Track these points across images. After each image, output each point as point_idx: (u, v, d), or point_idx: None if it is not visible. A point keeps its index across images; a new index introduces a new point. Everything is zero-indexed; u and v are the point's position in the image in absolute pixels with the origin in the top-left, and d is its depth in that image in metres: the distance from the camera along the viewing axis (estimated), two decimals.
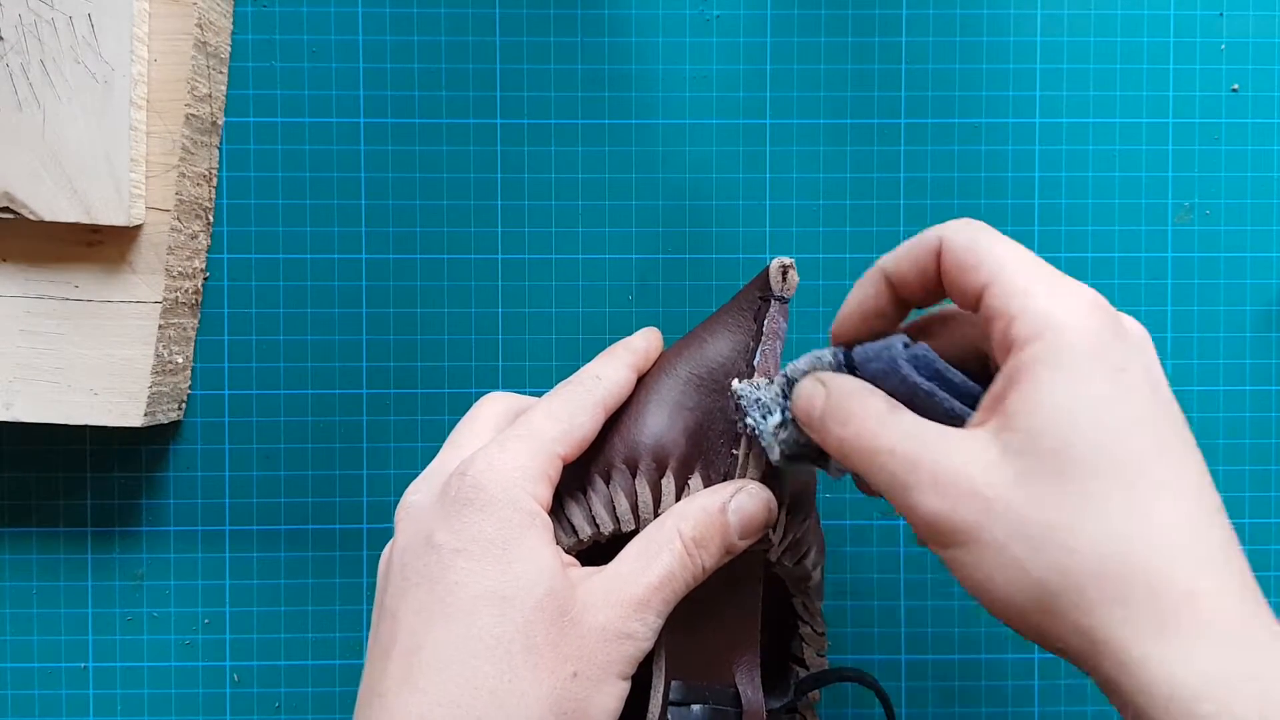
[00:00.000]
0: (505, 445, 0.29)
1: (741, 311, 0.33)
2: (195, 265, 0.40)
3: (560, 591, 0.28)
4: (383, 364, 0.41)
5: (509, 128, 0.41)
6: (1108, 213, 0.41)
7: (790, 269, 0.32)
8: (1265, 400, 0.41)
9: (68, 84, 0.36)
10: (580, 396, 0.31)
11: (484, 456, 0.29)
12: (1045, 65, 0.41)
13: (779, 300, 0.33)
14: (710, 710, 0.29)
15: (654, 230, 0.41)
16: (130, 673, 0.41)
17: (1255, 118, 0.41)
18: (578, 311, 0.41)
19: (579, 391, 0.31)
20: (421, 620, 0.27)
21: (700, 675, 0.30)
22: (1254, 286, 0.41)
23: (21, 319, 0.38)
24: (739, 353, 0.32)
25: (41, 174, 0.36)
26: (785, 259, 0.33)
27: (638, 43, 0.41)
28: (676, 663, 0.30)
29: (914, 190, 0.41)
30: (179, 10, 0.38)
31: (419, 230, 0.41)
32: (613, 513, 0.31)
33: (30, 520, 0.41)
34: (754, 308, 0.33)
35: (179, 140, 0.38)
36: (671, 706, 0.29)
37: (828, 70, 0.41)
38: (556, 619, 0.27)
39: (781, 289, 0.32)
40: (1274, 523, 0.41)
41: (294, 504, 0.41)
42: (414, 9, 0.40)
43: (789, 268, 0.32)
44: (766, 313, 0.32)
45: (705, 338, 0.33)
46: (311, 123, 0.40)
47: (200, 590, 0.41)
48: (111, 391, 0.38)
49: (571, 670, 0.27)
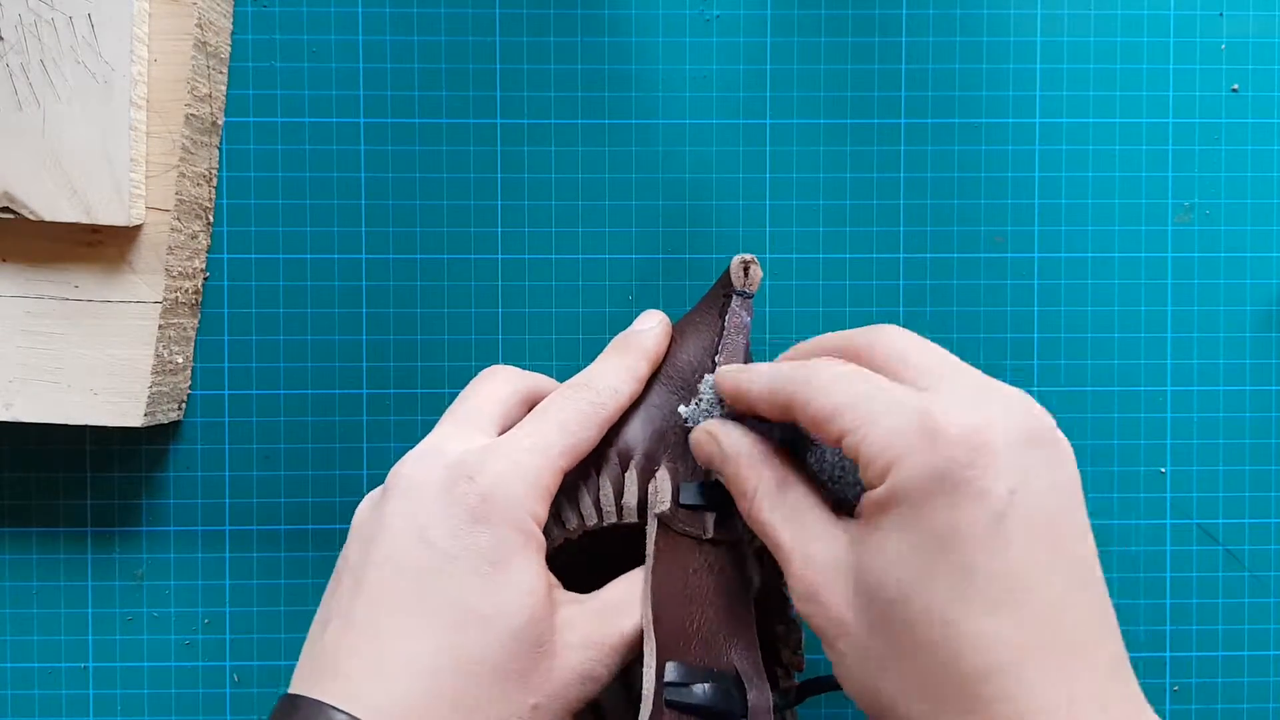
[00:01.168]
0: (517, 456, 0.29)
1: (708, 310, 0.35)
2: (195, 265, 0.40)
3: (540, 620, 0.28)
4: (383, 364, 0.41)
5: (509, 128, 0.41)
6: (1108, 213, 0.41)
7: (752, 265, 0.34)
8: (1265, 400, 0.41)
9: (68, 84, 0.36)
10: (593, 410, 0.31)
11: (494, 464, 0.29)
12: (1045, 65, 0.41)
13: (741, 295, 0.34)
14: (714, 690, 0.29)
15: (654, 230, 0.41)
16: (130, 673, 0.41)
17: (1255, 118, 0.41)
18: (578, 311, 0.41)
19: (593, 405, 0.31)
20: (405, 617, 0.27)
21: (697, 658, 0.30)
22: (1254, 286, 0.41)
23: (21, 319, 0.38)
24: (705, 350, 0.34)
25: (41, 174, 0.36)
26: (746, 255, 0.34)
27: (638, 43, 0.41)
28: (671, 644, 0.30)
29: (914, 190, 0.41)
30: (179, 10, 0.38)
31: (419, 230, 0.41)
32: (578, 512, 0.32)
33: (30, 520, 0.41)
34: (719, 305, 0.34)
35: (179, 140, 0.38)
36: (670, 687, 0.29)
37: (828, 70, 0.41)
38: (531, 649, 0.28)
39: (744, 284, 0.34)
40: (1273, 523, 0.41)
41: (294, 504, 0.41)
42: (414, 9, 0.40)
43: (750, 264, 0.34)
44: (728, 309, 0.34)
45: (676, 339, 0.34)
46: (311, 123, 0.40)
47: (200, 590, 0.41)
48: (111, 391, 0.38)
49: (533, 701, 0.28)
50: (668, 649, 0.30)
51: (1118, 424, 0.41)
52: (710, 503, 0.31)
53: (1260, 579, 0.41)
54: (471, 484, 0.28)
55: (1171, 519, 0.41)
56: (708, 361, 0.33)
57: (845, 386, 0.26)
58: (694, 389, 0.33)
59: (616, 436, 0.33)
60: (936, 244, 0.41)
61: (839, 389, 0.27)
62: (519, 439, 0.30)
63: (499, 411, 0.32)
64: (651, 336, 0.34)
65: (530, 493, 0.29)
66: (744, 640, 0.31)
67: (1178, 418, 0.41)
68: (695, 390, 0.33)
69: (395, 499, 0.29)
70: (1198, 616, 0.41)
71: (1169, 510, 0.41)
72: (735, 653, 0.30)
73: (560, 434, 0.30)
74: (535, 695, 0.28)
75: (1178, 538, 0.41)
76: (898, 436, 0.25)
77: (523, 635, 0.28)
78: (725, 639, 0.30)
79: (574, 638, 0.29)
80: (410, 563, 0.28)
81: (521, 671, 0.28)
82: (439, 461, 0.30)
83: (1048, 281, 0.41)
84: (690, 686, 0.29)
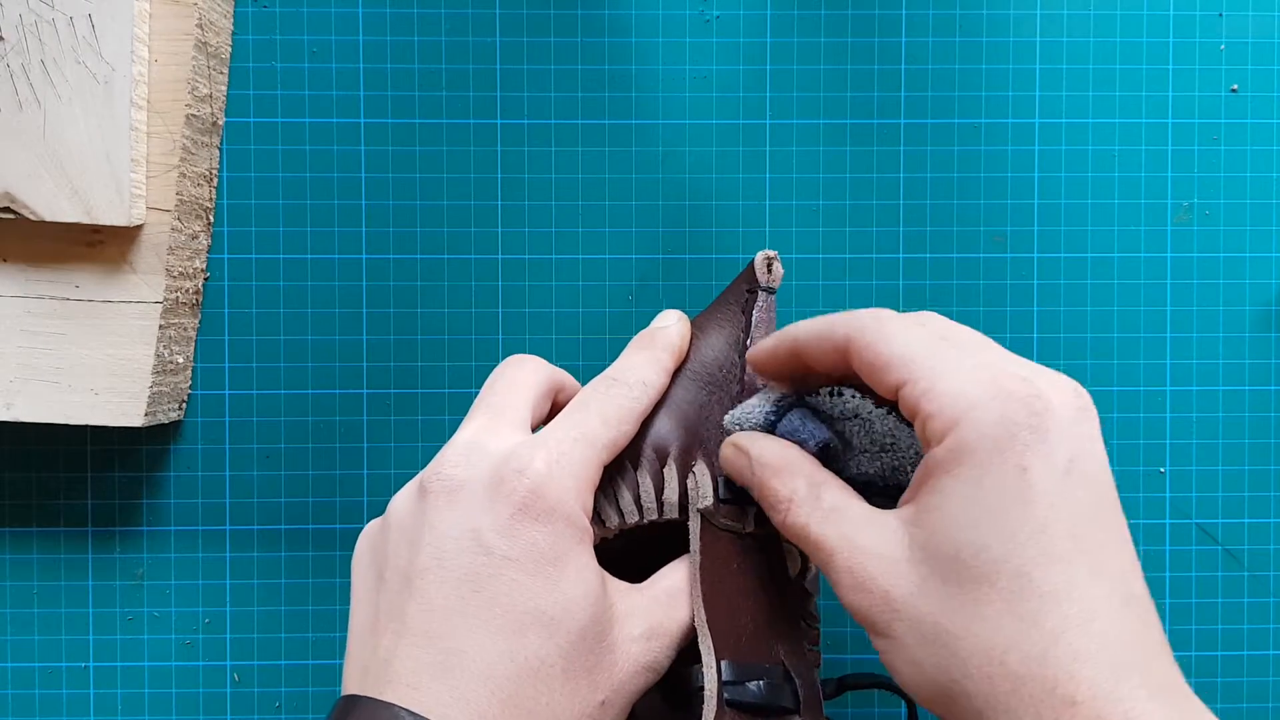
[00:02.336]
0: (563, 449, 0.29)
1: (730, 306, 0.34)
2: (196, 265, 0.40)
3: (601, 617, 0.28)
4: (383, 364, 0.41)
5: (509, 128, 0.41)
6: (1107, 213, 0.41)
7: (775, 261, 0.34)
8: (1264, 400, 0.41)
9: (68, 84, 0.36)
10: (630, 404, 0.31)
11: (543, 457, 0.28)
12: (1045, 65, 0.41)
13: (766, 291, 0.34)
14: (768, 686, 0.29)
15: (654, 230, 0.41)
16: (131, 672, 0.41)
17: (1254, 118, 0.41)
18: (578, 311, 0.41)
19: (628, 398, 0.31)
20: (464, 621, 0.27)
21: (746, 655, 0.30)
22: (1253, 286, 0.41)
23: (22, 319, 0.38)
24: (730, 345, 0.34)
25: (42, 174, 0.36)
26: (769, 251, 0.34)
27: (638, 43, 0.41)
28: (723, 642, 0.29)
29: (914, 190, 0.41)
30: (179, 10, 0.38)
31: (419, 230, 0.41)
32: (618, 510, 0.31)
33: (31, 520, 0.41)
34: (741, 301, 0.34)
35: (179, 140, 0.38)
36: (726, 686, 0.29)
37: (828, 70, 0.41)
38: (595, 645, 0.28)
39: (767, 280, 0.34)
40: (1273, 523, 0.41)
41: (294, 504, 0.41)
42: (414, 9, 0.40)
43: (773, 260, 0.34)
44: (754, 304, 0.34)
45: (698, 335, 0.34)
46: (312, 123, 0.40)
47: (201, 590, 0.41)
48: (112, 391, 0.38)
49: (600, 698, 0.27)
50: (720, 647, 0.29)
51: (1117, 423, 0.41)
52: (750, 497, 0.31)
53: (1259, 578, 0.41)
54: (521, 479, 0.28)
55: (1170, 519, 0.41)
56: (734, 356, 0.33)
57: (911, 337, 0.26)
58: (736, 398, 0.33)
59: (648, 432, 0.32)
60: (936, 244, 0.41)
61: (903, 337, 0.26)
62: (564, 431, 0.29)
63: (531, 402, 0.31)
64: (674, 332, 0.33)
65: (579, 486, 0.29)
66: (789, 634, 0.31)
67: (1177, 417, 0.41)
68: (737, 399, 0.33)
69: (439, 497, 0.28)
70: (1197, 616, 0.41)
71: (1168, 510, 0.41)
72: (781, 647, 0.30)
73: (603, 427, 0.30)
74: (602, 691, 0.27)
75: (1177, 537, 0.41)
76: (965, 393, 0.25)
77: (588, 632, 0.27)
78: (771, 633, 0.30)
79: (636, 629, 0.29)
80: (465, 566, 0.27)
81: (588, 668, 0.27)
82: (482, 458, 0.29)
83: (1047, 281, 0.41)
84: (745, 684, 0.29)
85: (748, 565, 0.31)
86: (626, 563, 0.32)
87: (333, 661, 0.41)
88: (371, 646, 0.28)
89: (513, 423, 0.30)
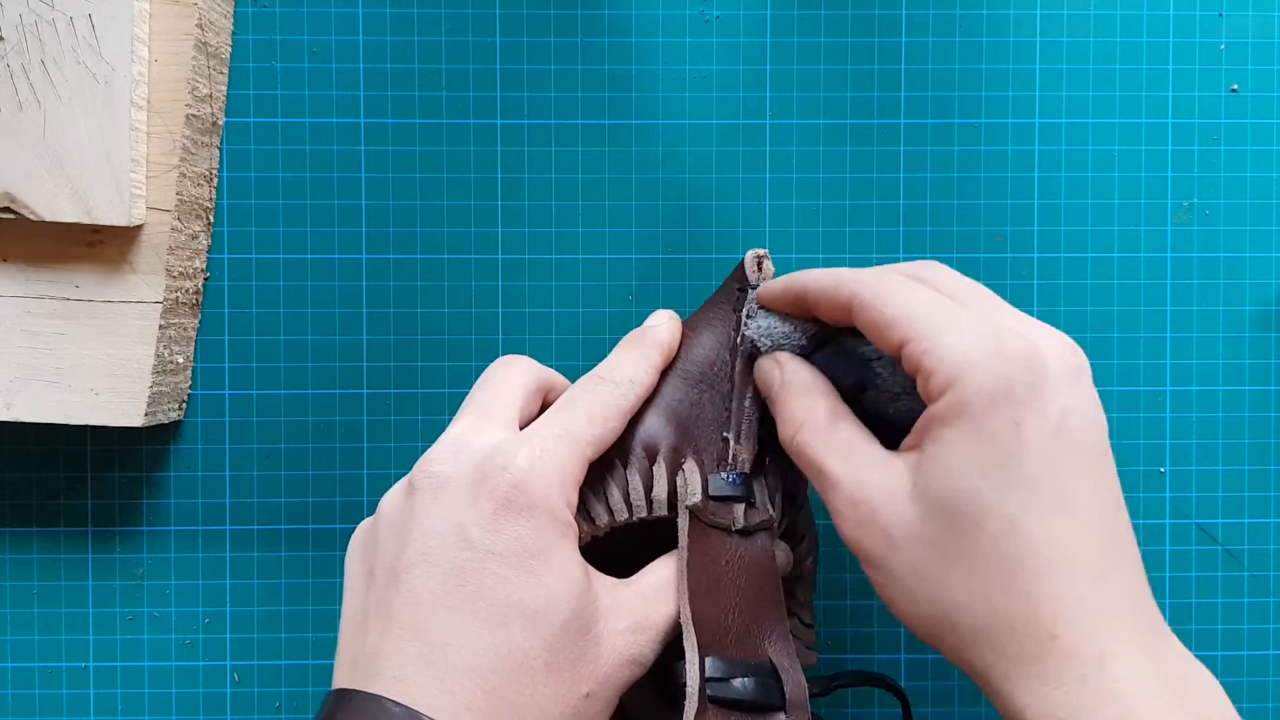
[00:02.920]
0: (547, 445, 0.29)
1: (722, 305, 0.35)
2: (196, 265, 0.40)
3: (585, 611, 0.28)
4: (383, 364, 0.41)
5: (509, 128, 0.41)
6: (1107, 213, 0.41)
7: (765, 259, 0.34)
8: (1264, 400, 0.41)
9: (68, 84, 0.36)
10: (616, 401, 0.31)
11: (526, 453, 0.29)
12: (1045, 65, 0.41)
13: (755, 289, 0.34)
14: (755, 683, 0.29)
15: (654, 230, 0.41)
16: (131, 672, 0.41)
17: (1254, 118, 0.41)
18: (578, 311, 0.41)
19: (615, 395, 0.31)
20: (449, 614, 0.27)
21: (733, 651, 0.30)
22: (1253, 286, 0.41)
23: (22, 319, 0.38)
24: (722, 344, 0.34)
25: (42, 174, 0.36)
26: (759, 250, 0.35)
27: (638, 43, 0.41)
28: (709, 638, 0.30)
29: (914, 190, 0.41)
30: (179, 10, 0.38)
31: (419, 230, 0.41)
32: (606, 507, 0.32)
33: (31, 520, 0.41)
34: (733, 300, 0.35)
35: (179, 140, 0.38)
36: (710, 682, 0.29)
37: (828, 70, 0.41)
38: (579, 638, 0.28)
39: (758, 279, 0.34)
40: (1273, 523, 0.41)
41: (294, 504, 0.41)
42: (414, 9, 0.40)
43: (764, 258, 0.34)
44: (744, 302, 0.34)
45: (690, 334, 0.35)
46: (312, 123, 0.40)
47: (201, 590, 0.41)
48: (112, 391, 0.38)
49: (585, 690, 0.28)
50: (706, 643, 0.29)
51: (1117, 423, 0.41)
52: (739, 493, 0.31)
53: (1259, 578, 0.41)
54: (504, 474, 0.28)
55: (1170, 519, 0.41)
56: (725, 354, 0.34)
57: (911, 296, 0.28)
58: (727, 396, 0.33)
59: (637, 430, 0.33)
60: (936, 244, 0.41)
61: (905, 298, 0.28)
62: (549, 428, 0.30)
63: (519, 402, 0.32)
64: (664, 330, 0.34)
65: (563, 481, 0.29)
66: (777, 631, 0.31)
67: (1177, 417, 0.41)
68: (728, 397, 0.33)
69: (426, 494, 0.29)
70: (1197, 616, 0.41)
71: (1168, 510, 0.41)
72: (769, 644, 0.30)
73: (588, 424, 0.30)
74: (587, 684, 0.28)
75: (1177, 537, 0.41)
76: (964, 352, 0.26)
77: (571, 625, 0.28)
78: (759, 630, 0.30)
79: (622, 623, 0.29)
80: (450, 560, 0.28)
81: (572, 661, 0.28)
82: (467, 455, 0.29)
83: (1047, 281, 0.41)
84: (730, 681, 0.29)
85: (736, 562, 0.31)
86: (618, 561, 0.32)
87: (332, 661, 0.41)
88: (360, 640, 0.28)
89: (500, 421, 0.31)
